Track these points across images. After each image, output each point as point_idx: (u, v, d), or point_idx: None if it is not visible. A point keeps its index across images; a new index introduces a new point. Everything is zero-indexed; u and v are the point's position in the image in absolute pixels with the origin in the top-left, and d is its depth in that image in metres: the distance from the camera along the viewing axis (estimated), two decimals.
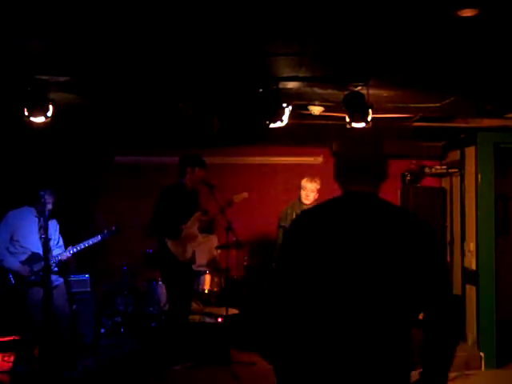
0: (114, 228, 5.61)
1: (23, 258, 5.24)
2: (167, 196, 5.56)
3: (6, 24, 3.36)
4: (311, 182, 5.83)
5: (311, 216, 2.14)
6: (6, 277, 5.26)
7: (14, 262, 5.23)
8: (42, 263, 5.07)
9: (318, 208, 2.19)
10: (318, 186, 5.83)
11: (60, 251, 5.47)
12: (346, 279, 1.99)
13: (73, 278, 6.40)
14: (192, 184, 5.69)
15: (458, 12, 3.06)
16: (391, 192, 7.51)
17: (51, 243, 5.36)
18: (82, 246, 5.48)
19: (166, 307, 6.05)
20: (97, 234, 5.56)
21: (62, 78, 4.52)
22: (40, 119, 4.48)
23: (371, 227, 2.04)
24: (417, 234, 2.08)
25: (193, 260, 5.74)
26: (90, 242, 5.50)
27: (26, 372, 5.13)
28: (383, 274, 1.99)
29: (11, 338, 5.37)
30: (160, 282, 6.45)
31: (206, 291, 6.32)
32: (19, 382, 5.12)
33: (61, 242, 5.61)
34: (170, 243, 5.48)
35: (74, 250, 5.46)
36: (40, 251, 5.08)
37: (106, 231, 5.59)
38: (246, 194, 5.89)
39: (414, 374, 2.11)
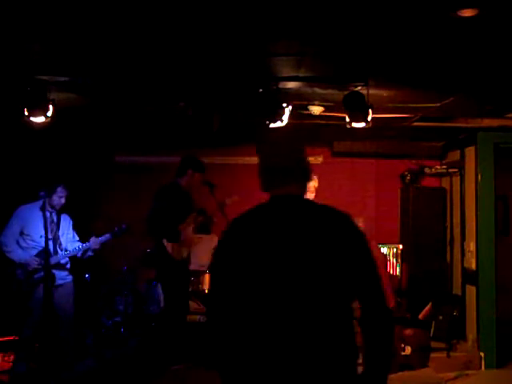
0: (124, 226, 5.50)
1: (34, 252, 5.20)
2: (162, 196, 5.57)
3: (6, 25, 3.36)
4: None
5: (241, 224, 2.20)
6: (14, 272, 5.19)
7: (23, 255, 5.17)
8: (53, 259, 5.09)
9: (247, 215, 2.22)
10: (316, 185, 5.69)
11: (78, 244, 5.38)
12: (278, 282, 2.04)
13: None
14: (188, 186, 5.69)
15: (458, 12, 3.07)
16: (391, 192, 7.53)
17: (64, 238, 5.34)
18: (104, 240, 5.37)
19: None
20: (106, 233, 5.46)
21: (62, 78, 4.53)
22: (40, 119, 4.48)
23: (298, 229, 2.10)
24: (341, 231, 2.14)
25: (188, 260, 5.74)
26: (103, 240, 5.38)
27: (25, 372, 5.13)
28: (313, 274, 2.04)
29: (11, 338, 5.36)
30: None
31: (206, 291, 6.32)
32: (19, 381, 5.12)
33: (76, 237, 5.53)
34: (166, 243, 5.48)
35: (103, 239, 5.34)
36: (51, 246, 5.07)
37: (116, 229, 5.46)
38: (236, 197, 5.88)
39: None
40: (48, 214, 5.19)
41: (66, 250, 5.34)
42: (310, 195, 5.65)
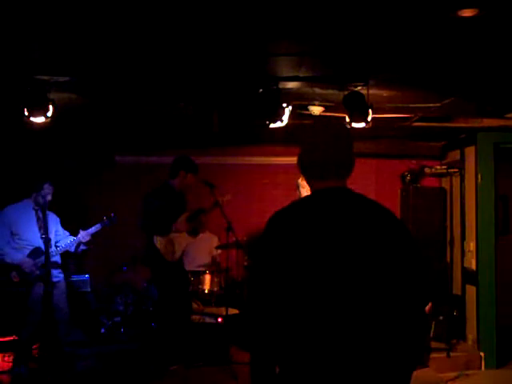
0: (113, 215, 5.46)
1: (26, 252, 5.17)
2: (151, 199, 5.56)
3: (6, 25, 3.36)
4: None
5: (286, 216, 2.03)
6: (9, 274, 5.16)
7: (16, 255, 5.13)
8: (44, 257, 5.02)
9: (293, 207, 2.06)
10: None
11: (71, 239, 5.35)
12: (328, 280, 1.90)
13: (73, 278, 6.40)
14: (180, 187, 5.69)
15: (458, 12, 3.07)
16: (391, 192, 7.52)
17: (53, 235, 5.28)
18: (94, 230, 5.36)
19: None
20: (97, 223, 5.44)
21: (61, 78, 4.52)
22: (40, 119, 4.47)
23: (349, 224, 1.96)
24: (393, 229, 2.01)
25: (181, 261, 5.75)
26: (92, 231, 5.36)
27: (25, 372, 5.13)
28: (364, 273, 1.91)
29: (11, 338, 5.36)
30: None
31: (206, 291, 6.32)
32: (19, 382, 5.12)
33: (67, 233, 5.50)
34: (159, 243, 5.48)
35: (90, 231, 5.32)
36: (41, 245, 5.05)
37: (105, 218, 5.45)
38: (229, 196, 5.89)
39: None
40: (35, 212, 5.17)
41: (56, 246, 5.29)
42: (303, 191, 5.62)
